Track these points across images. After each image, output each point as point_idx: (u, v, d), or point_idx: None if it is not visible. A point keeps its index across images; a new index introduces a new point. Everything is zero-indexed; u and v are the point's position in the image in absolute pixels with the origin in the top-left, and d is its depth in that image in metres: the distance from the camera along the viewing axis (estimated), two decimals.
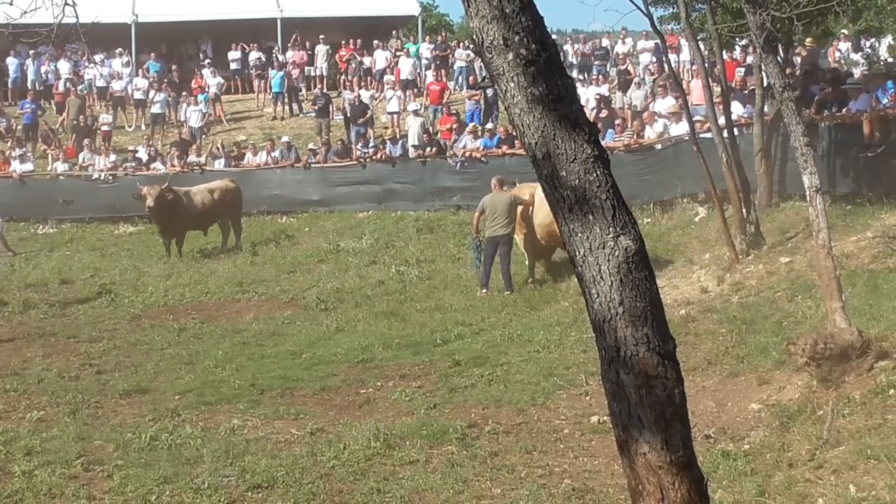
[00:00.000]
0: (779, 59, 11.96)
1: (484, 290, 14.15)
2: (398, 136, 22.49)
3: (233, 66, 28.74)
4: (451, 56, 27.89)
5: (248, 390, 9.97)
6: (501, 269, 14.28)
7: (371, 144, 22.11)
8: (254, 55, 28.22)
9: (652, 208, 17.23)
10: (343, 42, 28.39)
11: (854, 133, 14.29)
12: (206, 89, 26.67)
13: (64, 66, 27.54)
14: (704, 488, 3.68)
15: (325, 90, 26.91)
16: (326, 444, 8.10)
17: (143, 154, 23.42)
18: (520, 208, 14.49)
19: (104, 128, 25.43)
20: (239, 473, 7.49)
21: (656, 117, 18.75)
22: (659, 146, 18.04)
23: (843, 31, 20.15)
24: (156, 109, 26.03)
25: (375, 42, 28.41)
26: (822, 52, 20.93)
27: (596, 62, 26.28)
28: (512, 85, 3.57)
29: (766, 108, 14.78)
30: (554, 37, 3.76)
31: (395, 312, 13.55)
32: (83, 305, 15.26)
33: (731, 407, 8.50)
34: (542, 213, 13.83)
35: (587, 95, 21.50)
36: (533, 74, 3.54)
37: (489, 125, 21.54)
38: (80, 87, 27.09)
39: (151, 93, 26.27)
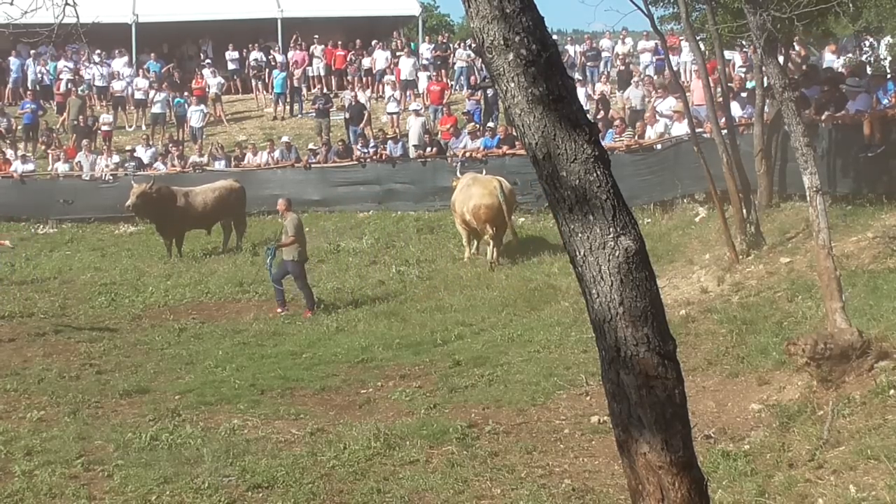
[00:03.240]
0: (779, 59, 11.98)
1: (284, 311, 14.12)
2: (398, 137, 22.49)
3: (231, 66, 28.73)
4: (451, 56, 27.89)
5: (248, 390, 9.97)
6: (306, 290, 14.32)
7: (371, 145, 22.11)
8: (253, 55, 28.21)
9: (652, 208, 17.23)
10: (333, 43, 28.34)
11: (854, 133, 14.29)
12: (207, 89, 26.68)
13: (64, 67, 27.52)
14: (704, 488, 3.69)
15: (325, 90, 26.91)
16: (327, 444, 8.11)
17: (142, 154, 23.43)
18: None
19: (104, 128, 25.41)
20: (239, 473, 7.50)
21: (657, 117, 18.76)
22: (659, 146, 18.05)
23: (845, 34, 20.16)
24: (156, 109, 26.03)
25: (375, 42, 28.39)
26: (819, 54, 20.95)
27: (588, 63, 26.22)
28: (512, 85, 3.57)
29: (766, 109, 14.77)
30: (554, 37, 3.76)
31: (395, 312, 13.55)
32: (83, 305, 15.25)
33: (732, 407, 8.50)
34: (462, 198, 16.34)
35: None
36: (533, 75, 3.54)
37: (489, 125, 21.54)
38: (80, 88, 27.08)
39: (151, 93, 26.27)
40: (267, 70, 27.87)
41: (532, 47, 3.54)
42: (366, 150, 21.76)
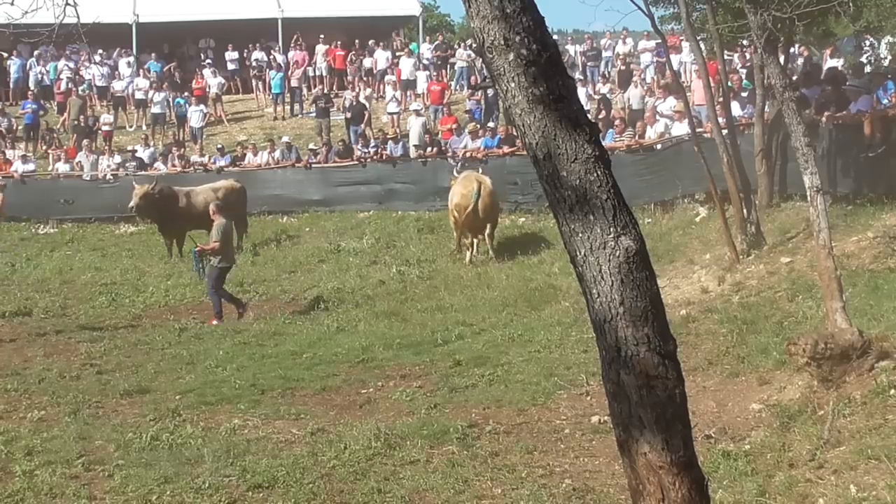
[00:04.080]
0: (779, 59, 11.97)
1: (221, 321, 13.78)
2: (399, 137, 22.50)
3: (231, 66, 28.75)
4: (451, 56, 27.88)
5: (248, 390, 9.97)
6: (224, 295, 14.16)
7: (372, 144, 22.13)
8: (255, 55, 28.21)
9: (653, 208, 17.23)
10: (333, 43, 28.34)
11: (855, 133, 14.29)
12: (207, 89, 26.69)
13: (65, 67, 27.53)
14: (705, 488, 3.69)
15: (325, 90, 26.92)
16: (327, 444, 8.10)
17: (143, 154, 23.46)
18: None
19: (105, 128, 25.44)
20: (240, 473, 7.49)
21: (657, 117, 18.76)
22: (659, 146, 18.05)
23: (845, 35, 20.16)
24: (156, 110, 26.04)
25: (371, 42, 28.38)
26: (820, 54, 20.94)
27: (589, 63, 26.22)
28: (513, 85, 3.57)
29: (766, 109, 14.77)
30: (555, 37, 3.76)
31: (395, 312, 13.55)
32: (84, 305, 15.25)
33: (732, 407, 8.50)
34: (450, 196, 16.99)
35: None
36: (534, 75, 3.54)
37: (490, 125, 21.54)
38: (81, 88, 27.10)
39: (151, 93, 26.27)
40: (268, 70, 27.87)
41: (532, 47, 3.54)
42: (366, 150, 21.78)
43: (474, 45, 3.79)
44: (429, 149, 21.22)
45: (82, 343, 12.65)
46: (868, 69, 18.66)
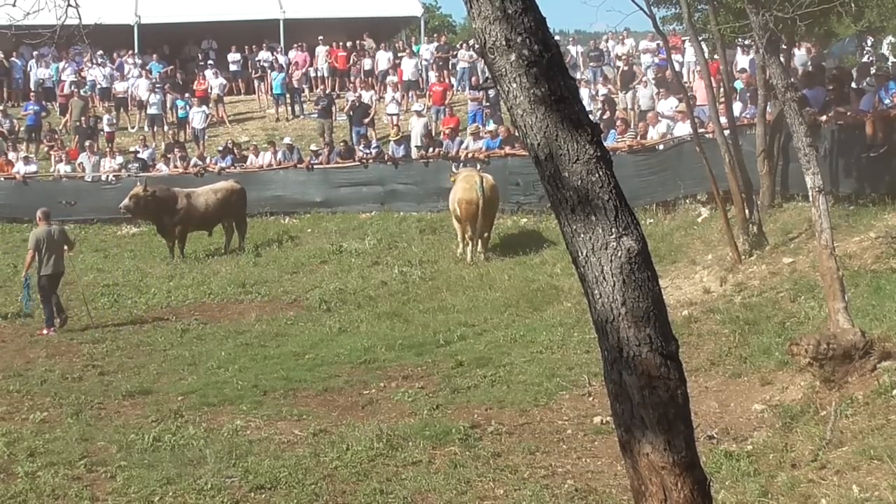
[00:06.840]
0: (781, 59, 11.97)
1: (51, 330, 13.61)
2: (401, 138, 22.48)
3: (233, 67, 28.76)
4: (452, 57, 27.88)
5: (251, 391, 9.98)
6: (54, 302, 13.91)
7: (374, 145, 22.13)
8: (262, 54, 28.22)
9: (654, 209, 17.21)
10: (337, 44, 28.37)
11: (856, 133, 14.27)
12: (209, 90, 26.70)
13: (67, 68, 27.56)
14: (707, 489, 3.69)
15: (327, 91, 26.94)
16: (329, 445, 8.11)
17: (143, 155, 23.47)
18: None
19: (107, 129, 25.45)
20: (242, 474, 7.49)
21: (659, 118, 18.75)
22: (661, 147, 18.04)
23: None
24: (152, 111, 26.04)
25: (369, 44, 28.37)
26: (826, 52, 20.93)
27: (591, 63, 26.23)
28: (514, 86, 3.57)
29: (768, 109, 14.76)
30: (556, 38, 3.76)
31: (397, 313, 13.55)
32: (86, 306, 15.24)
33: (734, 407, 8.50)
34: (451, 193, 17.17)
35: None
36: (535, 75, 3.55)
37: (491, 126, 21.53)
38: (83, 89, 27.13)
39: (147, 94, 26.27)
40: (269, 71, 27.88)
41: (534, 48, 3.54)
42: (368, 151, 21.78)
43: (476, 46, 3.79)
44: (430, 149, 21.20)
45: (84, 344, 12.68)
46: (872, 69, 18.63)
